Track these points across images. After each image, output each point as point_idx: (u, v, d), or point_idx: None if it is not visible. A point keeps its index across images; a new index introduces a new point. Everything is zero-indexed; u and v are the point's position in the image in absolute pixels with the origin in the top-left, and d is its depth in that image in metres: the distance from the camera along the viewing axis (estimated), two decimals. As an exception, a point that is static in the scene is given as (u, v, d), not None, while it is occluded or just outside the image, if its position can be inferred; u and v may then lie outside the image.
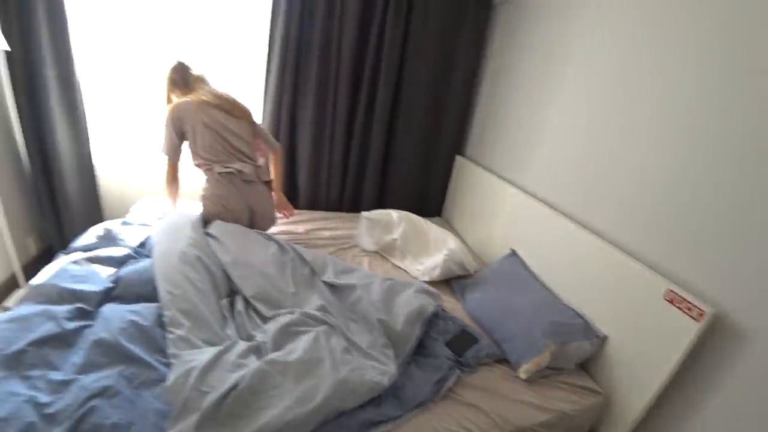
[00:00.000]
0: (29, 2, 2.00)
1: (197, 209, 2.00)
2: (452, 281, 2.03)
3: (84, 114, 2.29)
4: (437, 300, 1.69)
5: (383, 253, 2.19)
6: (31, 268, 2.34)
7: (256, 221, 2.06)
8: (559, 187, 1.91)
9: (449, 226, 2.73)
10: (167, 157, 1.92)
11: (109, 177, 2.55)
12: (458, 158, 2.80)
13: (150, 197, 2.39)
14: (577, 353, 1.49)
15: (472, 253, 2.27)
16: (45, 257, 2.53)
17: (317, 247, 2.13)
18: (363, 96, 2.45)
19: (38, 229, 2.55)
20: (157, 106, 2.26)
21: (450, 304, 1.82)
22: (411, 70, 2.48)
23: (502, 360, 1.53)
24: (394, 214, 2.29)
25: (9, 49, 1.90)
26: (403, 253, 2.19)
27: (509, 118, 2.32)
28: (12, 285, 2.26)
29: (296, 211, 2.42)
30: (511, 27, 2.35)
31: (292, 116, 2.46)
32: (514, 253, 2.02)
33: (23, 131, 2.24)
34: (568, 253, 1.73)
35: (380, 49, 2.37)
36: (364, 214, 2.25)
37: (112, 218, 2.56)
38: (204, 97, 1.86)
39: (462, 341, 1.57)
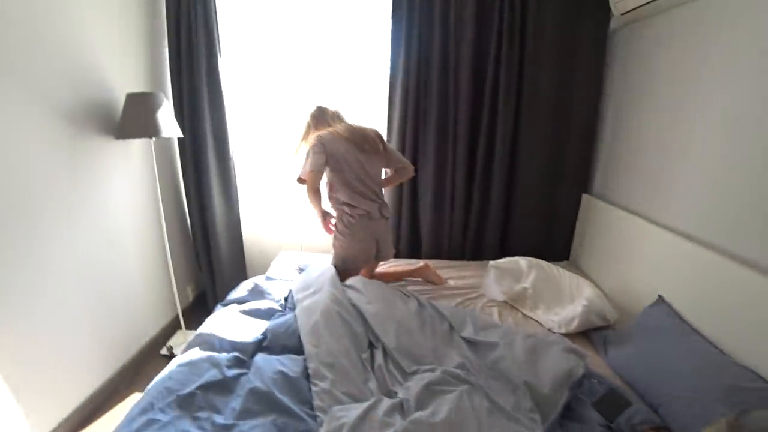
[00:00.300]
0: (198, 101, 2.48)
1: (329, 259, 2.14)
2: (591, 333, 1.83)
3: (236, 185, 2.68)
4: (584, 359, 1.51)
5: (513, 303, 2.06)
6: (189, 311, 2.73)
7: (381, 251, 2.17)
8: (706, 220, 1.64)
9: (579, 270, 2.49)
10: (310, 172, 1.93)
11: (251, 235, 2.89)
12: (584, 197, 2.59)
13: (287, 251, 2.64)
14: (761, 426, 1.18)
15: (611, 301, 2.02)
16: (200, 302, 2.94)
17: (444, 297, 2.09)
18: (482, 138, 2.46)
19: (195, 279, 2.99)
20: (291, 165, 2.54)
21: (592, 359, 1.62)
22: (528, 108, 2.44)
23: (660, 428, 1.29)
24: (522, 261, 2.17)
25: (182, 136, 2.32)
26: (535, 302, 2.04)
27: (637, 149, 2.13)
28: (175, 326, 2.65)
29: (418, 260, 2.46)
30: (632, 51, 2.21)
31: (413, 163, 2.53)
32: (662, 300, 1.74)
33: (188, 200, 2.70)
34: (731, 298, 1.43)
35: (496, 90, 2.40)
36: (492, 263, 2.17)
37: (254, 270, 2.89)
38: (341, 132, 2.01)
39: (611, 403, 1.37)
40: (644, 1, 1.94)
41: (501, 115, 2.41)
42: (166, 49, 2.51)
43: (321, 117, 2.09)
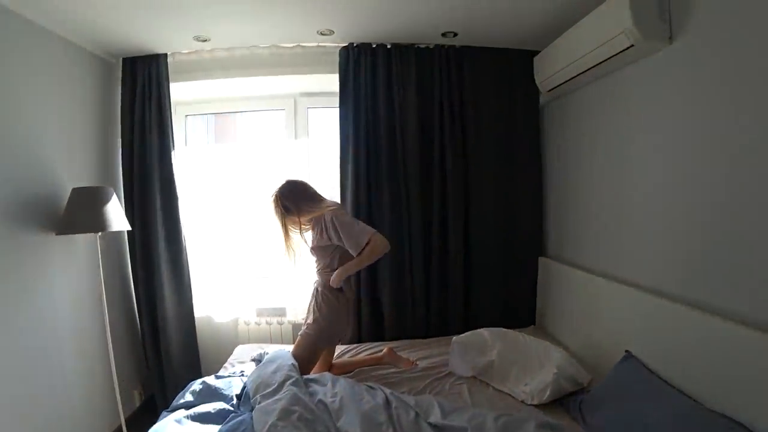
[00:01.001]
0: (150, 194, 2.47)
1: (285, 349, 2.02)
2: (565, 399, 1.76)
3: (189, 279, 2.57)
4: (560, 433, 1.44)
5: (482, 377, 1.99)
6: (136, 419, 2.44)
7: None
8: (662, 271, 1.72)
9: (547, 334, 2.47)
10: (373, 234, 1.90)
11: (205, 330, 2.71)
12: (541, 260, 2.66)
13: (244, 345, 2.47)
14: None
15: (581, 361, 1.99)
16: (147, 407, 2.66)
17: (412, 380, 1.99)
18: (434, 213, 2.53)
19: (143, 381, 2.72)
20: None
21: (569, 428, 1.55)
22: (475, 180, 2.57)
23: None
24: (485, 333, 2.14)
25: (130, 229, 2.25)
26: (504, 374, 1.97)
27: (585, 209, 2.27)
28: None
29: (381, 344, 2.38)
30: (563, 120, 2.46)
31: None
32: (630, 356, 1.74)
33: (137, 295, 2.55)
34: (697, 346, 1.45)
35: (443, 164, 2.52)
36: (455, 338, 2.12)
37: (209, 367, 2.67)
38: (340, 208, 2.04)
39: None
40: (563, 81, 2.19)
41: (450, 188, 2.52)
42: (119, 142, 2.52)
43: (304, 191, 2.04)
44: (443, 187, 2.52)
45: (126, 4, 1.93)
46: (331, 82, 2.54)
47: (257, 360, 2.15)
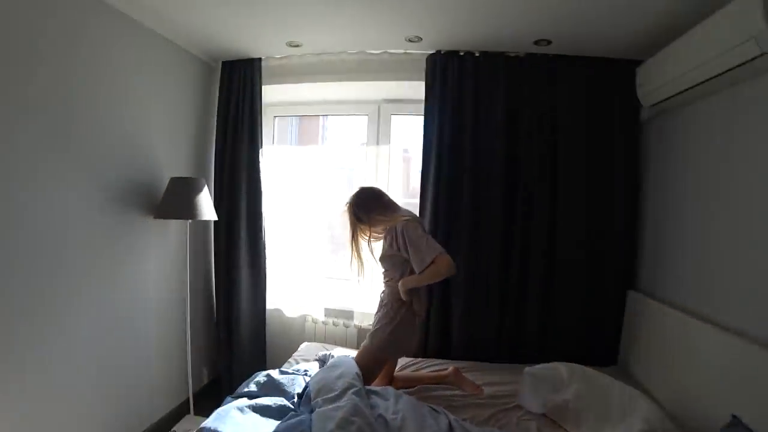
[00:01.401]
0: (236, 188, 2.62)
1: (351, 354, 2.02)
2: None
3: (265, 272, 2.68)
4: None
5: (554, 417, 1.81)
6: (201, 395, 2.58)
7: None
8: None
9: (631, 378, 2.20)
10: (440, 254, 1.80)
11: (274, 323, 2.81)
12: (630, 294, 2.38)
13: (310, 343, 2.52)
14: None
15: (672, 418, 1.72)
16: (214, 387, 2.81)
17: (476, 407, 1.87)
18: (517, 234, 2.39)
19: (212, 361, 2.89)
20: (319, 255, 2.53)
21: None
22: (564, 201, 2.37)
23: None
24: (562, 368, 1.94)
25: (216, 219, 2.40)
26: (579, 417, 1.77)
27: (687, 241, 1.99)
28: (184, 410, 2.50)
29: (449, 362, 2.28)
30: (666, 140, 2.19)
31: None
32: (738, 422, 1.45)
33: (216, 281, 2.72)
34: None
35: (530, 185, 2.38)
36: (528, 370, 1.95)
37: (274, 357, 2.77)
38: (415, 219, 1.96)
39: None
40: (671, 94, 1.95)
41: (535, 207, 2.36)
42: (214, 140, 2.72)
43: (378, 200, 2.01)
44: (528, 204, 2.37)
45: (230, 12, 2.08)
46: (416, 89, 2.51)
47: (321, 360, 2.17)
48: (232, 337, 2.66)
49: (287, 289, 2.86)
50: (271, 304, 2.75)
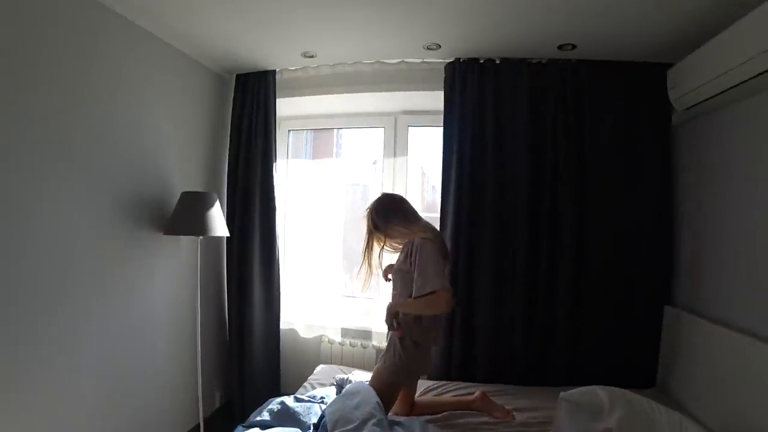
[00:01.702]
0: (250, 203, 2.54)
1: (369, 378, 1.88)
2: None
3: (279, 290, 2.59)
4: None
5: (595, 447, 1.65)
6: (213, 419, 2.46)
7: None
8: None
9: (672, 400, 2.02)
10: (441, 288, 1.65)
11: (288, 343, 2.69)
12: (667, 309, 2.22)
13: (326, 366, 2.39)
14: None
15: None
16: (225, 410, 2.70)
17: (508, 435, 1.73)
18: (544, 245, 2.25)
19: (225, 383, 2.77)
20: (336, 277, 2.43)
21: None
22: (593, 211, 2.25)
23: None
24: (602, 393, 1.78)
25: (229, 235, 2.32)
26: (624, 448, 1.61)
27: (730, 251, 1.85)
28: None
29: (471, 385, 2.14)
30: (700, 145, 2.07)
31: (469, 274, 2.32)
32: None
33: (229, 300, 2.63)
34: None
35: (555, 194, 2.26)
36: (564, 395, 1.79)
37: (288, 379, 2.64)
38: (432, 236, 1.78)
39: None
40: (707, 96, 1.84)
41: (563, 219, 2.24)
42: (227, 154, 2.66)
43: (399, 210, 1.86)
44: (554, 216, 2.25)
45: (244, 24, 2.04)
46: (434, 100, 2.44)
47: (339, 385, 2.04)
48: (245, 359, 2.55)
49: (302, 309, 2.76)
50: (285, 324, 2.64)
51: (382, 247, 1.90)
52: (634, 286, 2.24)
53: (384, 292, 2.44)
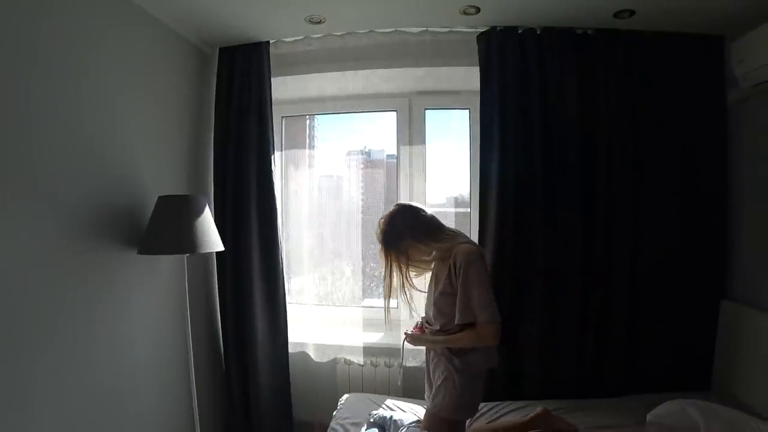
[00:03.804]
0: (244, 204, 2.09)
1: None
2: None
3: (285, 307, 2.16)
4: None
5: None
6: None
7: None
8: None
9: (733, 405, 1.85)
10: (490, 321, 1.42)
11: (298, 368, 2.26)
12: (725, 304, 2.05)
13: (355, 395, 2.01)
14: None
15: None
16: None
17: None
18: (596, 243, 2.00)
19: (226, 421, 2.30)
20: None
21: None
22: (648, 202, 2.02)
23: None
24: (692, 411, 1.55)
25: (223, 249, 1.84)
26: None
27: None
28: None
29: (525, 403, 1.87)
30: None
31: (515, 277, 2.02)
32: None
33: (223, 325, 2.20)
34: None
35: (610, 185, 1.98)
36: (651, 416, 1.56)
37: (302, 411, 2.26)
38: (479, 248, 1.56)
39: None
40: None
41: (616, 210, 1.99)
42: (211, 147, 2.17)
43: (417, 224, 1.56)
44: (609, 209, 1.98)
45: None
46: (456, 78, 2.14)
47: (379, 425, 1.68)
48: (250, 394, 2.12)
49: (312, 328, 2.34)
50: (293, 347, 2.22)
51: (406, 270, 1.61)
52: (690, 281, 2.04)
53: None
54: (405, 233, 1.54)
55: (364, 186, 2.51)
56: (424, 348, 1.71)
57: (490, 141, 1.99)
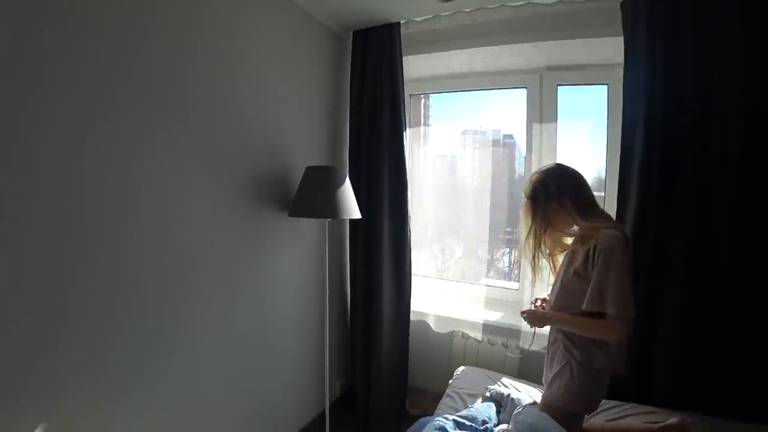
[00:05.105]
0: (377, 178, 2.23)
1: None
2: None
3: (410, 276, 2.28)
4: None
5: None
6: (332, 409, 2.24)
7: None
8: None
9: None
10: (623, 317, 1.27)
11: (417, 336, 2.38)
12: None
13: (470, 368, 2.05)
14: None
15: None
16: (347, 401, 2.51)
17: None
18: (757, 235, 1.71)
19: (346, 374, 2.57)
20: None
21: None
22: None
23: None
24: None
25: (360, 217, 2.01)
26: None
27: None
28: (318, 428, 2.23)
29: (657, 410, 1.69)
30: None
31: (659, 259, 1.83)
32: None
33: (353, 286, 2.38)
34: None
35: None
36: None
37: (417, 377, 2.40)
38: (627, 238, 1.35)
39: None
40: None
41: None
42: (347, 124, 2.36)
43: (575, 188, 1.42)
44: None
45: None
46: (592, 51, 1.99)
47: (495, 400, 1.71)
48: (372, 350, 2.30)
49: (435, 298, 2.43)
50: (415, 315, 2.34)
51: (542, 236, 1.47)
52: None
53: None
54: (554, 196, 1.41)
55: (479, 166, 2.51)
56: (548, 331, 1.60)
57: (634, 121, 1.81)
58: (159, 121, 1.38)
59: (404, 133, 2.20)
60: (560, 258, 1.56)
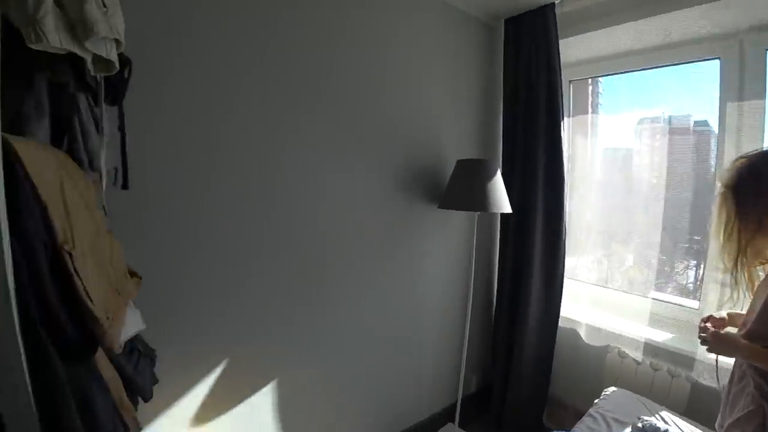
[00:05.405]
0: (532, 171, 2.12)
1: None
2: None
3: (562, 279, 2.13)
4: None
5: None
6: (465, 404, 2.24)
7: None
8: None
9: None
10: None
11: (564, 345, 2.20)
12: None
13: (622, 391, 1.78)
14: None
15: None
16: (481, 396, 2.47)
17: None
18: None
19: (483, 370, 2.54)
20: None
21: None
22: None
23: None
24: None
25: (510, 211, 1.94)
26: None
27: None
28: (448, 416, 2.26)
29: None
30: None
31: None
32: None
33: (500, 282, 2.32)
34: None
35: None
36: None
37: (558, 388, 2.26)
38: None
39: None
40: None
41: None
42: (500, 115, 2.29)
43: None
44: None
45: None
46: None
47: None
48: (513, 351, 2.20)
49: (588, 306, 2.20)
50: (564, 321, 2.16)
51: (745, 245, 1.12)
52: None
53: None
54: None
55: (660, 162, 2.10)
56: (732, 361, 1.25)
57: None
58: (337, 130, 1.66)
59: (562, 123, 2.03)
60: (759, 271, 1.19)
